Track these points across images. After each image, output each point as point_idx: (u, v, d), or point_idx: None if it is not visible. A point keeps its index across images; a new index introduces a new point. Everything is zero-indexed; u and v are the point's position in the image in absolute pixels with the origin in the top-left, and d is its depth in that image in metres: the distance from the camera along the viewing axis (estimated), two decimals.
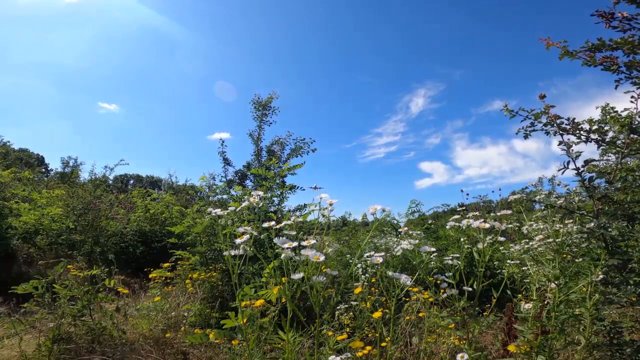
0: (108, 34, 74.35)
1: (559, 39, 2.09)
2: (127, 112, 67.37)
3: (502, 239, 1.83)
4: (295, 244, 1.26)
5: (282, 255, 1.25)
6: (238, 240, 1.37)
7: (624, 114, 2.26)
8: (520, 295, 3.12)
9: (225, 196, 5.03)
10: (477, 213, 1.72)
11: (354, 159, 68.73)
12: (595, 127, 2.51)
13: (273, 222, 1.41)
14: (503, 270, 2.79)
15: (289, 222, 1.40)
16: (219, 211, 1.52)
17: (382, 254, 1.41)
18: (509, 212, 1.87)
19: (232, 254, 1.39)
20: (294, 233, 1.36)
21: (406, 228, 2.09)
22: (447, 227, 1.79)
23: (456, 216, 1.81)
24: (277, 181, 4.42)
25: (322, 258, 1.24)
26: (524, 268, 2.58)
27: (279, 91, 8.17)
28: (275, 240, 1.30)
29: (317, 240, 1.36)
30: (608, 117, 2.48)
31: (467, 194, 9.30)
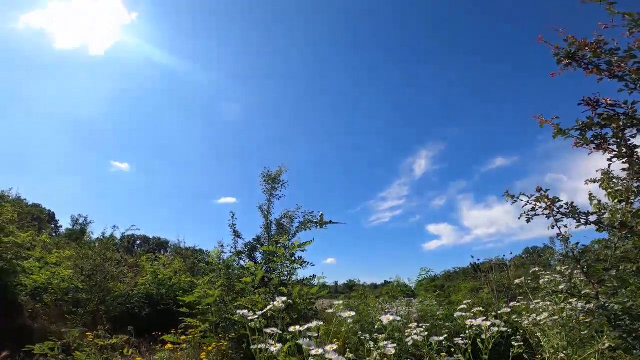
0: (127, 88, 77.90)
1: (555, 90, 2.20)
2: (137, 172, 69.22)
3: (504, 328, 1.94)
4: (320, 350, 1.38)
5: None
6: (273, 349, 1.51)
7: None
8: (538, 357, 3.16)
9: (237, 270, 5.17)
10: (480, 308, 1.84)
11: (360, 224, 68.75)
12: (595, 202, 2.66)
13: (298, 327, 1.53)
14: (518, 337, 2.88)
15: (312, 325, 1.54)
16: (247, 313, 1.66)
17: (395, 345, 1.53)
18: (508, 310, 1.99)
19: (260, 347, 1.53)
20: (316, 334, 1.50)
21: (416, 316, 2.20)
22: (455, 316, 1.91)
23: (463, 306, 1.93)
24: (287, 255, 4.56)
25: None
26: (537, 334, 2.64)
27: (285, 159, 8.46)
28: (301, 341, 1.44)
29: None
30: (606, 193, 2.62)
31: (478, 259, 9.53)
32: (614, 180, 2.55)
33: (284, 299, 1.70)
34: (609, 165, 2.17)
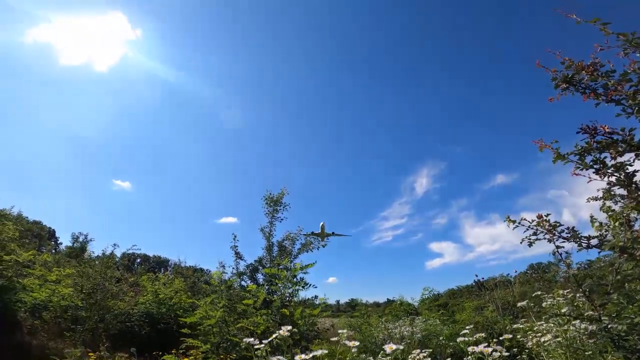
0: (129, 106, 78.42)
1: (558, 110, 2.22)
2: (139, 190, 69.57)
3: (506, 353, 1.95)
4: None
5: None
6: None
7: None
8: None
9: (238, 291, 5.17)
10: (482, 334, 1.85)
11: (362, 244, 68.66)
12: (596, 224, 2.67)
13: (304, 355, 1.55)
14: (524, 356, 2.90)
15: (317, 353, 1.56)
16: (254, 341, 1.68)
17: None
18: (510, 336, 2.00)
19: None
20: None
21: (419, 336, 2.20)
22: (458, 340, 1.92)
23: (465, 331, 1.94)
24: (289, 277, 4.58)
25: None
26: (542, 354, 2.64)
27: (286, 180, 8.51)
28: None
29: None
30: (607, 215, 2.62)
31: (482, 278, 9.71)
32: (616, 198, 2.55)
33: (289, 327, 1.71)
34: (609, 189, 2.18)
